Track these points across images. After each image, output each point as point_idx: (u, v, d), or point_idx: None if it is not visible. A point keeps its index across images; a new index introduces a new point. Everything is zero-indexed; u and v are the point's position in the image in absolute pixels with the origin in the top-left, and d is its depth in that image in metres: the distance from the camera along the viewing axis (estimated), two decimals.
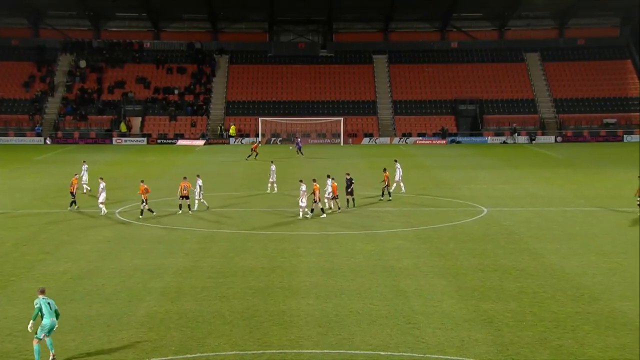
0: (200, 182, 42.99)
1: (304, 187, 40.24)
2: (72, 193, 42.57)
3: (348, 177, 43.83)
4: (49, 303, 19.42)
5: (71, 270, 29.13)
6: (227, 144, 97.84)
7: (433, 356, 20.06)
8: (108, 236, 35.93)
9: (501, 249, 32.88)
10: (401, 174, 50.36)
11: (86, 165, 50.94)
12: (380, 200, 46.25)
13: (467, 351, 20.32)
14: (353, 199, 43.79)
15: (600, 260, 30.77)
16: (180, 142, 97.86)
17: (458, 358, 19.95)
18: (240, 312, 23.63)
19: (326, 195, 42.09)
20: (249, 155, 74.04)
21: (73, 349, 20.40)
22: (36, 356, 19.13)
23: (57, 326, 19.54)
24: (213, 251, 32.53)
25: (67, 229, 37.65)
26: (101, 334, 21.56)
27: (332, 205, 42.22)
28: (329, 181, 42.48)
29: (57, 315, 19.55)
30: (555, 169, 66.61)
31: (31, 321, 19.71)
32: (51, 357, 19.24)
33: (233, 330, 21.97)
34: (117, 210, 42.29)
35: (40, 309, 19.34)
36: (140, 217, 39.95)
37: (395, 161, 51.40)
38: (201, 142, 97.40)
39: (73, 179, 43.24)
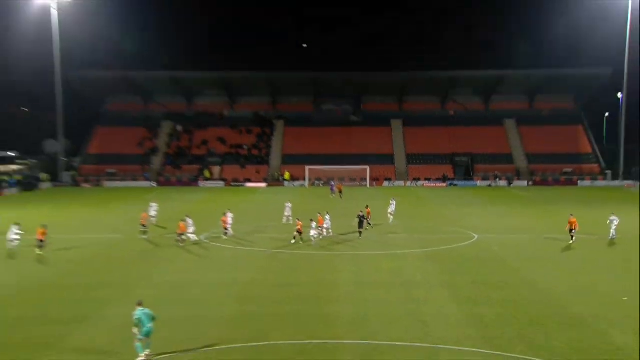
0: (190, 221, 39.61)
1: (313, 224, 38.95)
2: (142, 225, 42.47)
3: (360, 214, 42.04)
4: (145, 313, 18.91)
5: (171, 280, 29.43)
6: (282, 186, 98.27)
7: (438, 346, 20.03)
8: (198, 254, 36.25)
9: (489, 267, 32.56)
10: (393, 209, 49.31)
11: (154, 204, 50.05)
12: (364, 230, 42.83)
13: (463, 343, 20.27)
14: (360, 232, 41.57)
15: (566, 275, 30.32)
16: (248, 184, 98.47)
17: (456, 347, 19.87)
18: (294, 314, 23.68)
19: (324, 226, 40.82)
20: (339, 194, 73.02)
21: (166, 345, 20.49)
22: (139, 351, 18.90)
23: (153, 331, 19.14)
24: (273, 267, 32.61)
25: (168, 250, 37.87)
26: (187, 332, 21.69)
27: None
28: (327, 216, 41.36)
29: (153, 319, 19.02)
30: (529, 205, 65.75)
31: (135, 328, 19.22)
32: (146, 353, 18.85)
33: (288, 326, 22.05)
34: (204, 237, 42.51)
35: (139, 319, 18.81)
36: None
37: (392, 198, 50.71)
38: (264, 185, 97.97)
39: (143, 214, 43.52)
